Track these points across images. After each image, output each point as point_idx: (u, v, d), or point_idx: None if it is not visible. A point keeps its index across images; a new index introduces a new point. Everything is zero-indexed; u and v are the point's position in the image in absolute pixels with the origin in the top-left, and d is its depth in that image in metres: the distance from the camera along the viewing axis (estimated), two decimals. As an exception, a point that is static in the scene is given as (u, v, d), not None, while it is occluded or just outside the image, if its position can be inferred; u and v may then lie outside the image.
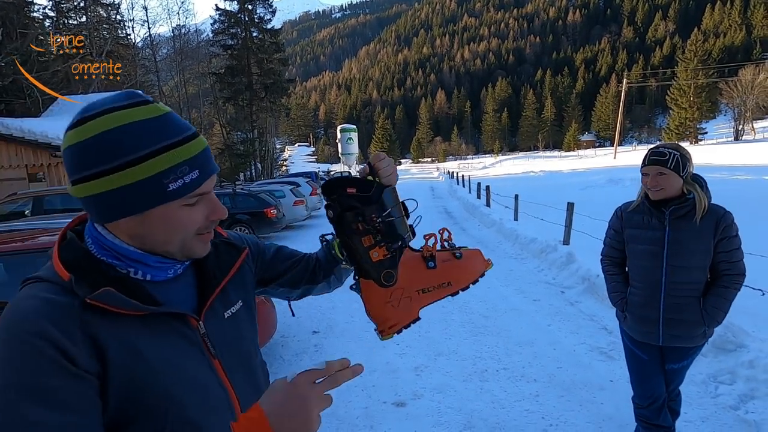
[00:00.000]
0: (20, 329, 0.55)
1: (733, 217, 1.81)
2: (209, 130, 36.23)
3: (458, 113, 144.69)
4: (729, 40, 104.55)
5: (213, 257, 0.75)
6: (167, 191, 0.61)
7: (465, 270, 0.85)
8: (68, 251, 0.65)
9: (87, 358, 0.56)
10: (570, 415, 2.66)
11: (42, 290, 0.60)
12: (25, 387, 0.52)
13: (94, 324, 0.58)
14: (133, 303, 0.60)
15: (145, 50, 30.25)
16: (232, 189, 11.97)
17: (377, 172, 0.84)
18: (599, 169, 25.49)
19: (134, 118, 0.61)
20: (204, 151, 0.66)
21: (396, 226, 0.82)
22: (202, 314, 0.70)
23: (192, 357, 0.67)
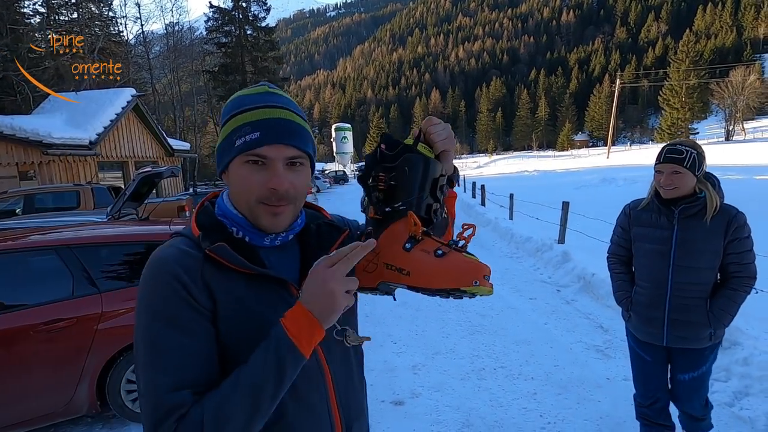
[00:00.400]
0: (161, 269, 0.70)
1: (745, 218, 1.75)
2: (203, 129, 35.97)
3: (453, 113, 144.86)
4: (720, 42, 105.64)
5: (315, 236, 0.84)
6: (234, 146, 0.73)
7: (433, 271, 0.73)
8: (202, 215, 0.80)
9: (205, 298, 0.69)
10: (568, 413, 2.67)
11: (180, 243, 0.75)
12: (162, 313, 0.68)
13: (210, 273, 0.71)
14: (240, 259, 0.71)
15: (138, 47, 29.97)
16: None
17: (428, 138, 0.80)
18: (593, 168, 25.65)
19: (241, 94, 0.77)
20: (270, 120, 0.73)
21: (393, 193, 0.78)
22: (303, 285, 0.75)
23: None
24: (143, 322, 0.69)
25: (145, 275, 0.72)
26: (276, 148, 0.72)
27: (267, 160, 0.72)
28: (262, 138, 0.71)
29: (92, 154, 12.64)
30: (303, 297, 0.68)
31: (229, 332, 0.70)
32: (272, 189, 0.72)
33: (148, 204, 5.93)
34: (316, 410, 0.77)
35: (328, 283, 0.66)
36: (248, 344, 0.69)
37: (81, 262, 2.71)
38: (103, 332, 2.62)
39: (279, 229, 0.77)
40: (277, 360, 0.65)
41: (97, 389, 2.66)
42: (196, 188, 13.54)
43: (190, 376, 0.66)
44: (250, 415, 0.65)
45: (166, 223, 3.52)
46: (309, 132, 0.79)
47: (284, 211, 0.75)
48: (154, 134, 16.83)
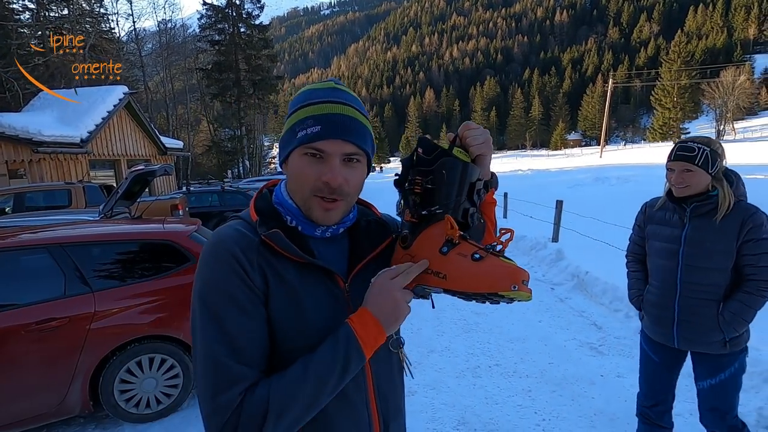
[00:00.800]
0: (222, 248, 0.73)
1: (765, 218, 1.64)
2: (196, 127, 35.73)
3: (447, 112, 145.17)
4: (711, 42, 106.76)
5: (365, 232, 0.86)
6: (296, 138, 0.75)
7: (470, 274, 0.73)
8: (261, 201, 0.83)
9: (258, 278, 0.72)
10: (562, 410, 2.69)
11: (240, 225, 0.77)
12: (223, 290, 0.71)
13: (265, 258, 0.74)
14: (293, 247, 0.74)
15: (130, 45, 29.68)
16: (220, 186, 11.82)
17: (464, 142, 0.81)
18: (586, 167, 25.82)
19: (309, 88, 0.79)
20: (332, 116, 0.74)
21: (430, 196, 0.78)
22: (350, 278, 0.81)
23: (335, 310, 0.77)
24: (205, 296, 0.71)
25: (205, 253, 0.74)
26: (334, 143, 0.74)
27: (324, 154, 0.74)
28: (323, 132, 0.73)
29: (83, 152, 12.50)
30: (369, 305, 0.73)
31: (277, 317, 0.73)
32: (326, 182, 0.74)
33: (140, 203, 5.87)
34: (356, 407, 0.79)
35: (393, 293, 0.72)
36: (292, 331, 0.73)
37: (73, 261, 2.68)
38: (96, 332, 2.59)
39: (330, 223, 0.79)
40: (344, 358, 0.70)
41: (90, 389, 2.64)
42: (189, 187, 13.44)
43: (249, 354, 0.69)
44: (310, 404, 0.69)
45: (159, 221, 3.49)
46: (370, 130, 0.80)
47: (336, 207, 0.77)
48: (147, 132, 16.69)
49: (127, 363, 2.71)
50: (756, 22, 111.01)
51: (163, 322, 2.79)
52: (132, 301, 2.74)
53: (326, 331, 0.74)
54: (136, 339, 2.72)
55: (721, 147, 1.70)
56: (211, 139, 31.83)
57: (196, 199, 10.15)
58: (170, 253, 2.96)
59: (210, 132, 32.34)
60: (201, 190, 11.18)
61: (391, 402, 0.86)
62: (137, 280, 2.83)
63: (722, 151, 1.69)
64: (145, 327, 2.74)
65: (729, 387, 1.77)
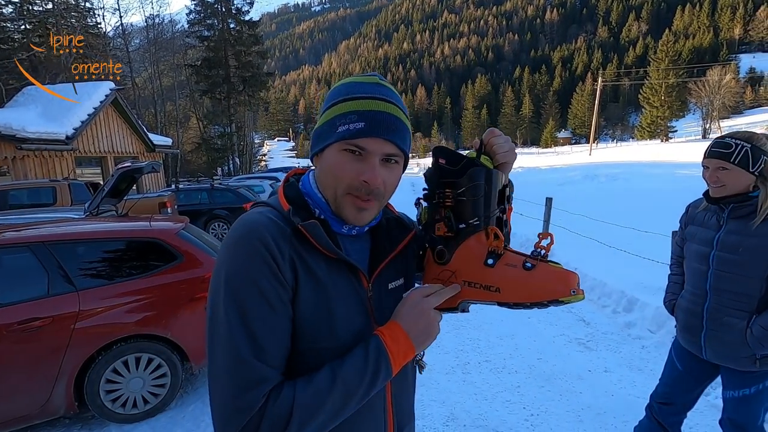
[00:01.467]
0: (253, 234, 0.68)
1: None
2: (185, 124, 35.31)
3: (438, 109, 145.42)
4: (698, 42, 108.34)
5: (384, 230, 0.84)
6: (336, 131, 0.72)
7: (526, 285, 0.72)
8: (290, 189, 0.79)
9: (288, 271, 0.69)
10: (550, 405, 2.71)
11: (269, 212, 0.73)
12: (253, 280, 0.66)
13: (296, 248, 0.70)
14: (328, 241, 0.71)
15: (117, 40, 29.20)
16: (210, 184, 11.71)
17: (489, 149, 0.79)
18: (576, 165, 26.07)
19: (351, 81, 0.76)
20: (379, 114, 0.71)
21: (463, 208, 0.76)
22: (372, 278, 0.79)
23: (359, 312, 0.76)
24: (232, 287, 0.66)
25: (234, 239, 0.69)
26: (377, 142, 0.71)
27: (365, 152, 0.71)
28: (366, 129, 0.70)
29: (69, 149, 12.28)
30: (401, 320, 0.72)
31: (306, 314, 0.70)
32: (365, 182, 0.71)
33: (127, 200, 5.78)
34: (374, 409, 0.78)
35: (427, 312, 0.72)
36: (322, 329, 0.71)
37: (57, 260, 2.64)
38: (81, 331, 2.55)
39: (361, 224, 0.76)
40: (373, 372, 0.68)
41: (75, 390, 2.60)
42: (178, 184, 13.30)
43: (274, 353, 0.66)
44: (334, 414, 0.67)
45: (146, 219, 3.44)
46: (410, 130, 0.78)
47: (370, 206, 0.74)
48: (134, 129, 16.44)
49: (114, 363, 2.67)
50: (741, 22, 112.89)
51: (150, 321, 2.75)
52: (118, 300, 2.70)
53: (353, 331, 0.73)
54: (123, 338, 2.69)
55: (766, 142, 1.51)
56: (200, 136, 31.48)
57: (185, 197, 10.04)
58: (157, 251, 2.92)
59: (199, 129, 31.99)
60: (190, 188, 11.05)
61: (405, 405, 0.86)
62: (123, 279, 2.79)
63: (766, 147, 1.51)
64: (131, 326, 2.71)
65: (752, 403, 1.64)
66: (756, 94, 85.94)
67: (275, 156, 59.10)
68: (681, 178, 15.57)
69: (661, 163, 23.16)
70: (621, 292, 4.24)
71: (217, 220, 9.54)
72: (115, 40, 29.14)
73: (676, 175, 16.47)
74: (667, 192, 11.59)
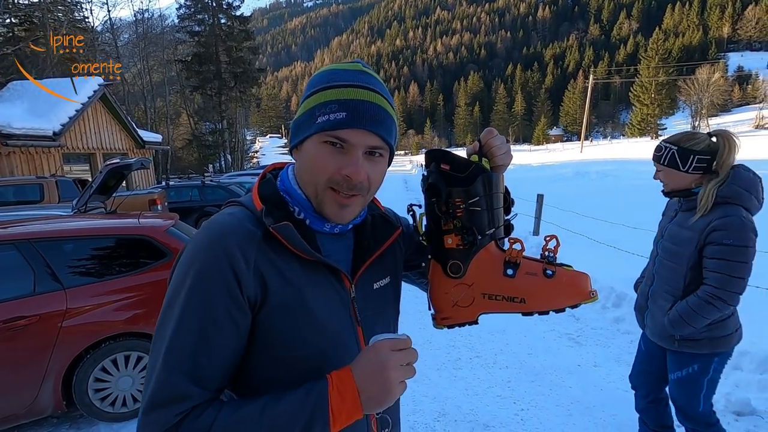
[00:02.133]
0: (215, 244, 0.64)
1: (738, 224, 1.51)
2: (176, 120, 34.92)
3: (431, 106, 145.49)
4: (687, 40, 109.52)
5: (369, 228, 0.79)
6: (315, 122, 0.67)
7: (550, 293, 0.70)
8: (266, 187, 0.74)
9: (252, 284, 0.64)
10: (540, 399, 2.74)
11: (240, 213, 0.69)
12: (202, 294, 0.62)
13: (266, 253, 0.65)
14: (303, 244, 0.66)
15: (105, 35, 28.74)
16: (201, 181, 11.61)
17: (488, 151, 0.75)
18: (567, 162, 26.26)
19: (332, 68, 0.70)
20: (362, 103, 0.66)
21: (478, 218, 0.72)
22: (356, 278, 0.74)
23: (340, 315, 0.72)
24: (181, 294, 0.63)
25: (197, 243, 0.65)
26: (360, 134, 0.66)
27: (347, 144, 0.66)
28: (348, 120, 0.65)
29: (56, 145, 12.08)
30: (357, 372, 0.62)
31: (276, 321, 0.66)
32: (347, 176, 0.66)
33: (116, 197, 5.71)
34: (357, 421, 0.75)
35: (389, 370, 0.61)
36: (291, 335, 0.66)
37: (43, 257, 2.60)
38: (68, 330, 2.52)
39: (343, 222, 0.71)
40: (307, 421, 0.61)
41: (63, 388, 2.57)
42: (168, 181, 13.16)
43: (207, 372, 0.62)
44: None
45: (135, 216, 3.40)
46: (396, 121, 0.72)
47: (353, 202, 0.69)
48: (123, 125, 16.22)
49: (102, 361, 2.65)
50: (730, 21, 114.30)
51: (139, 319, 2.72)
52: (106, 298, 2.67)
53: (333, 335, 0.70)
54: (111, 336, 2.66)
55: (703, 142, 1.60)
56: (191, 132, 31.17)
57: (175, 194, 9.94)
58: (146, 249, 2.89)
59: (190, 125, 31.66)
60: (181, 185, 10.95)
61: (391, 412, 0.82)
62: (112, 277, 2.76)
63: (697, 147, 1.60)
64: (120, 324, 2.68)
65: (686, 386, 1.74)
66: (743, 92, 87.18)
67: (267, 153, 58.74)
68: (670, 175, 15.73)
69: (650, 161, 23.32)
70: (610, 288, 4.29)
71: (208, 218, 9.47)
72: (104, 35, 28.68)
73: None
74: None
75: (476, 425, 2.51)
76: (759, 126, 59.85)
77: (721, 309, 1.56)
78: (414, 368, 0.65)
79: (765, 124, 60.06)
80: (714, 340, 1.66)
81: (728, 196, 1.55)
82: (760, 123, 60.99)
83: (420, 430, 2.49)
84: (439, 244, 0.75)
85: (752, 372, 2.73)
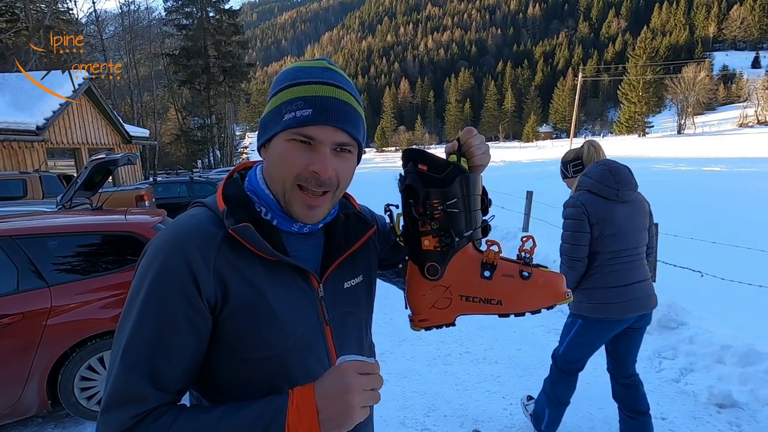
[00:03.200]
0: (174, 248, 0.64)
1: (569, 202, 2.05)
2: (163, 115, 34.42)
3: (422, 103, 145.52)
4: (675, 39, 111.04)
5: (342, 226, 0.78)
6: (282, 120, 0.66)
7: (525, 294, 0.71)
8: (231, 187, 0.73)
9: (212, 284, 0.64)
10: (529, 394, 2.77)
11: (203, 215, 0.69)
12: (160, 295, 0.62)
13: (226, 257, 0.65)
14: (265, 245, 0.65)
15: (90, 27, 28.14)
16: (189, 176, 11.47)
17: (467, 150, 0.74)
18: (556, 159, 26.41)
19: (298, 65, 0.70)
20: (328, 99, 0.66)
21: (456, 220, 0.71)
22: (324, 278, 0.73)
23: (306, 315, 0.70)
24: (138, 294, 0.63)
25: (158, 244, 0.65)
26: (326, 130, 0.65)
27: (314, 141, 0.65)
28: (314, 116, 0.65)
29: (40, 140, 11.82)
30: (319, 390, 0.60)
31: (237, 323, 0.65)
32: (314, 173, 0.65)
33: (102, 193, 5.62)
34: None
35: (352, 393, 0.59)
36: (254, 337, 0.66)
37: (27, 255, 2.54)
38: (54, 328, 2.47)
39: (312, 222, 0.70)
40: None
41: (49, 388, 2.52)
42: (156, 177, 12.98)
43: (164, 374, 0.62)
44: None
45: (122, 212, 3.35)
46: (363, 118, 0.72)
47: (322, 202, 0.68)
48: (110, 120, 15.94)
49: (88, 360, 2.61)
50: (716, 21, 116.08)
51: (126, 316, 2.69)
52: (92, 296, 2.62)
53: (299, 336, 0.69)
54: (98, 334, 2.62)
55: (574, 153, 2.21)
56: (179, 127, 30.74)
57: (163, 190, 9.83)
58: (133, 246, 2.84)
59: (178, 120, 31.22)
60: (169, 181, 10.82)
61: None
62: (98, 274, 2.71)
63: (576, 155, 2.18)
64: (106, 322, 2.64)
65: (563, 330, 2.17)
66: (728, 91, 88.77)
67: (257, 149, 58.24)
68: (656, 172, 16.01)
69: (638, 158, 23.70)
70: (598, 284, 4.35)
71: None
72: (88, 27, 28.07)
73: (652, 170, 16.91)
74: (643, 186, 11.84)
75: (466, 420, 2.54)
76: (742, 124, 61.03)
77: (567, 265, 1.98)
78: (378, 395, 0.63)
79: (748, 123, 61.27)
80: (578, 304, 2.03)
81: (580, 184, 2.05)
82: (743, 121, 62.19)
83: (410, 425, 2.51)
84: (417, 245, 0.75)
85: (734, 365, 2.80)
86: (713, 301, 3.86)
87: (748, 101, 68.88)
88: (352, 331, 0.78)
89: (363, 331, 0.82)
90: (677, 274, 4.23)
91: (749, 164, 16.71)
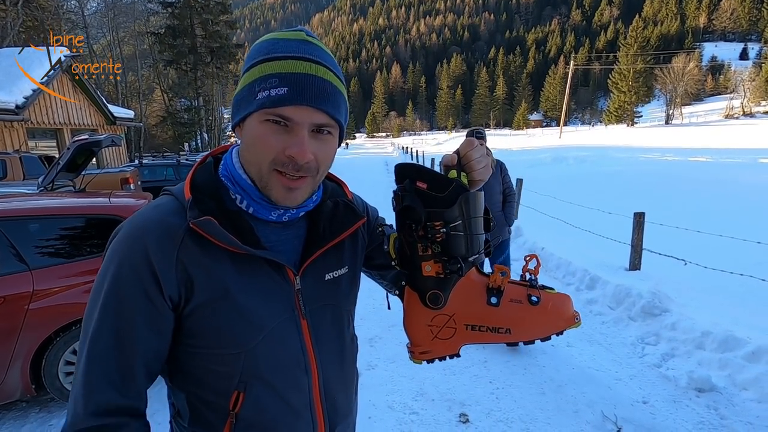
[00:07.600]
0: (136, 240, 0.61)
1: None
2: (149, 96, 33.57)
3: (413, 88, 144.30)
4: (666, 29, 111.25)
5: (328, 215, 0.73)
6: (255, 98, 0.61)
7: (536, 320, 0.66)
8: (201, 173, 0.68)
9: (174, 280, 0.61)
10: (515, 378, 2.82)
11: (167, 205, 0.65)
12: (119, 292, 0.60)
13: (188, 250, 0.61)
14: (229, 238, 0.61)
15: (71, 2, 27.08)
16: (176, 159, 11.26)
17: (467, 164, 0.68)
18: (546, 147, 26.63)
19: (273, 37, 0.65)
20: (305, 77, 0.60)
21: (460, 244, 0.65)
22: (301, 270, 0.69)
23: (279, 309, 0.67)
24: (100, 291, 0.61)
25: (119, 239, 0.62)
26: (304, 111, 0.60)
27: (291, 122, 0.60)
28: (290, 96, 0.59)
29: (19, 119, 11.45)
30: None
31: (204, 316, 0.62)
32: (291, 157, 0.60)
33: (86, 175, 5.48)
34: (297, 412, 0.69)
35: None
36: (219, 333, 0.63)
37: (6, 237, 2.47)
38: (36, 312, 2.43)
39: (292, 205, 0.65)
40: None
41: (32, 372, 2.49)
42: (141, 160, 12.72)
43: (126, 371, 0.61)
44: None
45: (106, 195, 3.27)
46: (345, 96, 0.66)
47: (301, 185, 0.64)
48: (92, 100, 15.49)
49: (73, 344, 2.57)
50: (706, 11, 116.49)
51: (111, 301, 2.65)
52: (76, 279, 2.57)
53: (272, 331, 0.65)
54: (82, 319, 2.58)
55: None
56: (165, 109, 30.02)
57: (149, 173, 9.63)
58: (118, 229, 2.79)
59: (164, 102, 30.46)
60: (155, 164, 10.60)
61: (340, 399, 0.76)
62: (81, 258, 2.66)
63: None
64: (91, 306, 2.60)
65: None
66: (716, 82, 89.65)
67: (246, 132, 57.40)
68: (644, 162, 16.21)
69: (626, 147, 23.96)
70: (584, 271, 4.41)
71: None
72: (69, 2, 27.02)
73: (639, 159, 17.12)
74: (630, 175, 12.04)
75: (453, 404, 2.57)
76: (729, 116, 61.87)
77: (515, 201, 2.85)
78: None
79: (734, 114, 62.14)
80: None
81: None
82: (729, 113, 63.04)
83: (398, 409, 2.54)
84: (416, 270, 0.68)
85: (713, 351, 2.88)
86: (696, 289, 3.95)
87: (735, 93, 69.76)
88: (332, 325, 0.74)
89: (344, 324, 0.78)
90: (662, 262, 4.31)
91: (734, 155, 17.00)
